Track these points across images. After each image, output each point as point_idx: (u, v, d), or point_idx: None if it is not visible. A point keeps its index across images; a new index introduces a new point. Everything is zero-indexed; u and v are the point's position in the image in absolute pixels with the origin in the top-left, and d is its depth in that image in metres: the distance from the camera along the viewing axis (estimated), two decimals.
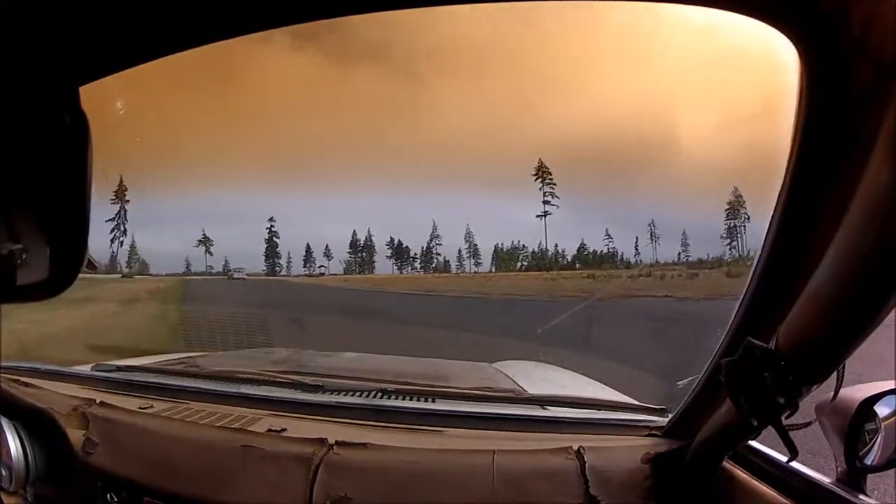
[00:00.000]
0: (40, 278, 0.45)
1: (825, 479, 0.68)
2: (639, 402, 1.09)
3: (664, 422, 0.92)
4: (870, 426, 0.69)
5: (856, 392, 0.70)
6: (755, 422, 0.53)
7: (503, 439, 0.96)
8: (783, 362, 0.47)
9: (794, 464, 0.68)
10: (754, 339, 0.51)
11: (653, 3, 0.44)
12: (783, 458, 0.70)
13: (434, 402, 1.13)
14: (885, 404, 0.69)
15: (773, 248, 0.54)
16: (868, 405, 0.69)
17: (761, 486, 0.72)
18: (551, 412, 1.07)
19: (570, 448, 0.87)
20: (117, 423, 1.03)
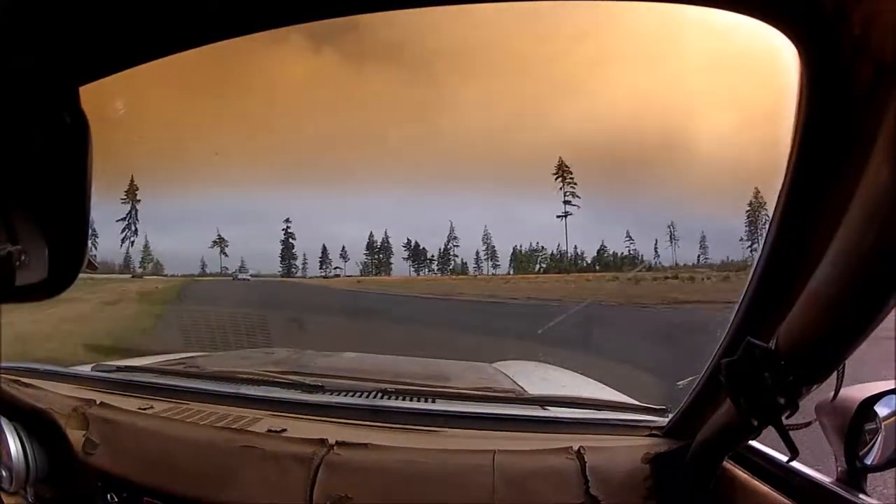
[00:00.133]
0: (39, 279, 0.45)
1: (825, 479, 0.68)
2: (639, 403, 1.09)
3: (664, 422, 0.92)
4: (870, 426, 0.69)
5: (856, 392, 0.70)
6: (755, 422, 0.53)
7: (503, 439, 0.96)
8: (783, 362, 0.47)
9: (795, 463, 0.68)
10: (754, 339, 0.51)
11: (653, 3, 0.44)
12: (783, 458, 0.70)
13: (434, 402, 1.13)
14: (885, 404, 0.69)
15: (773, 248, 0.54)
16: (868, 405, 0.69)
17: (762, 485, 0.72)
18: (551, 412, 1.07)
19: (571, 448, 0.87)
20: (117, 424, 1.03)
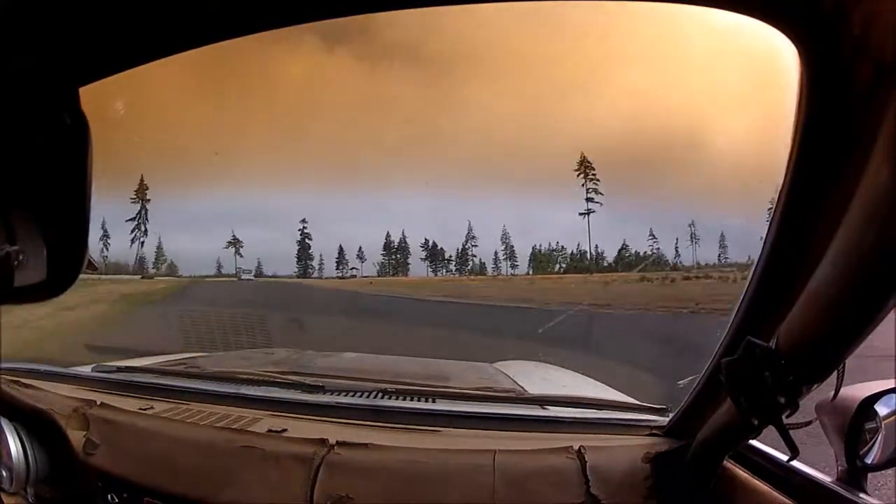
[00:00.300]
0: (39, 279, 0.45)
1: (826, 478, 0.68)
2: (639, 402, 1.09)
3: (665, 421, 0.92)
4: (870, 425, 0.69)
5: (856, 391, 0.70)
6: (756, 421, 0.53)
7: (504, 439, 0.96)
8: (783, 362, 0.47)
9: (795, 463, 0.68)
10: (755, 339, 0.51)
11: (654, 3, 0.44)
12: (784, 458, 0.70)
13: (434, 402, 1.13)
14: (885, 403, 0.69)
15: (773, 248, 0.54)
16: (868, 404, 0.69)
17: (762, 485, 0.72)
18: (552, 412, 1.07)
19: (571, 448, 0.87)
20: (118, 424, 1.03)
